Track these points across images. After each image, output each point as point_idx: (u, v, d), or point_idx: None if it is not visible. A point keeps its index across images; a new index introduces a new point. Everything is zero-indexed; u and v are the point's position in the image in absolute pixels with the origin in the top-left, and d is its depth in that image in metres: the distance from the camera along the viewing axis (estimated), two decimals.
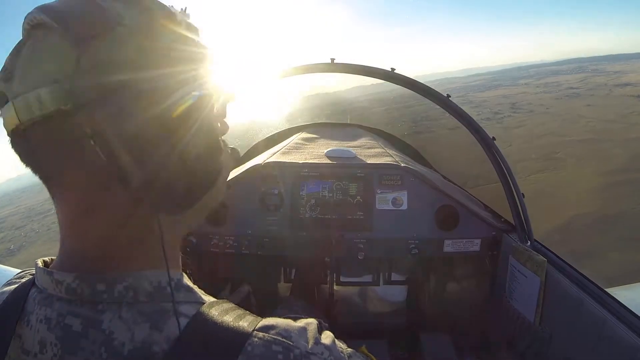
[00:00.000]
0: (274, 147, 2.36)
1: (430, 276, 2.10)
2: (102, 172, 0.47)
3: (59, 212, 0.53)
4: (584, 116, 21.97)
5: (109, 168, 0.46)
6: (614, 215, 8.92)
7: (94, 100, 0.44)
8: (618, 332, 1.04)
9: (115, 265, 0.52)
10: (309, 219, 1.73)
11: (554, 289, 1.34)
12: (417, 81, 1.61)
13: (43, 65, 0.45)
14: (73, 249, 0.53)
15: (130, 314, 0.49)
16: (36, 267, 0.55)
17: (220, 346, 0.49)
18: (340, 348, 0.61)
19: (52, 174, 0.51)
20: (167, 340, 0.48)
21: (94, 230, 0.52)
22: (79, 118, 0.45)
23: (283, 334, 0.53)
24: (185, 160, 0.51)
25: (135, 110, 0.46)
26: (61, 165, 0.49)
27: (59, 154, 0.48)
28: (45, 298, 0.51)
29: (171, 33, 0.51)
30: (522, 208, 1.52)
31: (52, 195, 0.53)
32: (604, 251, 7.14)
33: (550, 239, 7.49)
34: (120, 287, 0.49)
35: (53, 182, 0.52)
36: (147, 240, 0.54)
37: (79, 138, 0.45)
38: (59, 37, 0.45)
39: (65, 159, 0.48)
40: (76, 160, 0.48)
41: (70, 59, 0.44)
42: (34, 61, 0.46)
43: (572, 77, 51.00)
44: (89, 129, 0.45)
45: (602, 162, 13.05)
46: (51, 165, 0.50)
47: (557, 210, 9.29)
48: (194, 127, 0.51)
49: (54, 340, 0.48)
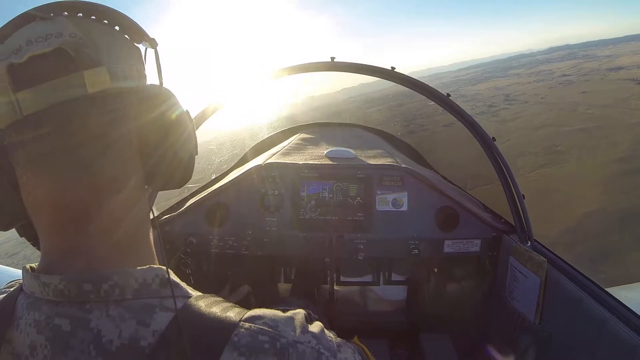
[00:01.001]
0: (273, 148, 2.35)
1: (430, 276, 2.09)
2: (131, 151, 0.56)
3: (45, 217, 0.53)
4: (581, 103, 21.42)
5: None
6: (627, 210, 8.32)
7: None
8: (618, 332, 1.04)
9: (100, 265, 0.52)
10: (309, 219, 1.73)
11: (553, 289, 1.34)
12: (416, 80, 1.60)
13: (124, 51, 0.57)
14: (58, 252, 0.53)
15: (117, 312, 0.49)
16: (23, 272, 0.55)
17: (207, 337, 0.50)
18: (329, 337, 0.60)
19: (90, 154, 0.52)
20: (154, 334, 0.49)
21: (92, 225, 0.52)
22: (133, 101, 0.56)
23: (269, 323, 0.54)
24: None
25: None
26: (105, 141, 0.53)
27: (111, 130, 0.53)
28: (33, 302, 0.52)
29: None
30: (522, 208, 1.51)
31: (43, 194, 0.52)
32: (623, 251, 6.58)
33: (563, 242, 6.99)
34: (106, 285, 0.50)
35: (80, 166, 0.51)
36: (131, 237, 0.57)
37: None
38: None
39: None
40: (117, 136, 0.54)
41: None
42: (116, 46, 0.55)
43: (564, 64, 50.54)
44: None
45: (606, 151, 12.44)
46: (95, 143, 0.52)
47: (565, 208, 8.71)
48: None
49: (44, 342, 0.49)
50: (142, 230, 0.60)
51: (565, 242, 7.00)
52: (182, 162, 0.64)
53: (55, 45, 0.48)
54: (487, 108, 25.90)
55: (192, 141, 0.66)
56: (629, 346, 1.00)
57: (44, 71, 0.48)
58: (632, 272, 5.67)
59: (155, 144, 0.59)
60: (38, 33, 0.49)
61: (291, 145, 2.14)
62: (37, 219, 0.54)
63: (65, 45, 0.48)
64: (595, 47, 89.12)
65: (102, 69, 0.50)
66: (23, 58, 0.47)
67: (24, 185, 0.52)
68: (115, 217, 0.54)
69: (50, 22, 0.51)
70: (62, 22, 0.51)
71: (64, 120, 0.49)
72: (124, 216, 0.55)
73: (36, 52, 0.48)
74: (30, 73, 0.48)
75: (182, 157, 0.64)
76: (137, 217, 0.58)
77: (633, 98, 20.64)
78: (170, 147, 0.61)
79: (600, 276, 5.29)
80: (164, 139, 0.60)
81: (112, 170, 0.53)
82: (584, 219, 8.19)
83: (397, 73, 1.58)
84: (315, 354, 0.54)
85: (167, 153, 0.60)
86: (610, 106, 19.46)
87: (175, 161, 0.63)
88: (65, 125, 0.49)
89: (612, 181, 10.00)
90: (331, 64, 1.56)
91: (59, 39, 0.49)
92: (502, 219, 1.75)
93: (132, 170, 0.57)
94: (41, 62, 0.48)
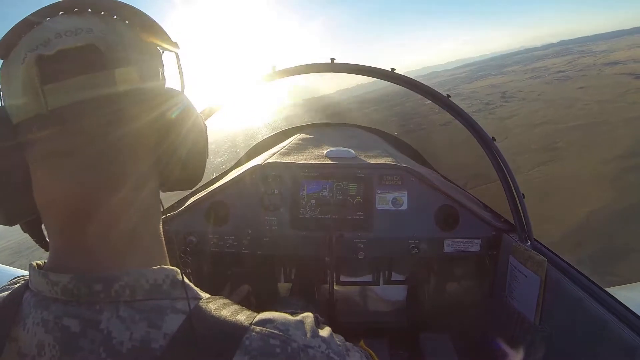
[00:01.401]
0: (273, 147, 2.34)
1: (430, 276, 2.09)
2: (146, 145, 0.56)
3: (56, 214, 0.52)
4: (578, 99, 21.10)
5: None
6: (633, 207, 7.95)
7: None
8: (618, 332, 1.04)
9: (110, 265, 0.52)
10: (309, 219, 1.72)
11: (554, 289, 1.33)
12: (417, 81, 1.61)
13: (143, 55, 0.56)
14: (68, 250, 0.53)
15: (128, 313, 0.49)
16: (30, 270, 0.54)
17: (218, 340, 0.49)
18: (338, 342, 0.60)
19: (104, 147, 0.51)
20: (165, 337, 0.48)
21: (104, 222, 0.52)
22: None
23: (280, 327, 0.53)
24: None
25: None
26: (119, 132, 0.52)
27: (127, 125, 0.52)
28: (41, 300, 0.51)
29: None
30: (522, 207, 1.51)
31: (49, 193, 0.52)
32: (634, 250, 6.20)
33: (571, 242, 6.73)
34: (117, 286, 0.49)
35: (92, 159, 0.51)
36: (142, 237, 0.56)
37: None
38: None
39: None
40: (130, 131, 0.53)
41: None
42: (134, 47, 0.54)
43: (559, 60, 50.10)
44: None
45: (607, 147, 12.11)
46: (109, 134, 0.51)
47: (570, 207, 8.39)
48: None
49: (52, 342, 0.48)
50: (153, 229, 0.59)
51: (571, 242, 6.73)
52: (194, 163, 0.65)
53: (87, 41, 0.48)
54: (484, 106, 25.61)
55: (204, 144, 0.66)
56: (629, 346, 1.00)
57: (74, 66, 0.47)
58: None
59: (171, 145, 0.59)
60: (67, 27, 0.49)
61: (291, 145, 2.13)
62: (48, 216, 0.53)
63: (96, 42, 0.48)
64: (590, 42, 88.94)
65: (132, 68, 0.51)
66: (52, 51, 0.46)
67: (37, 182, 0.52)
68: (128, 216, 0.53)
69: (78, 17, 0.51)
70: (91, 18, 0.51)
71: (89, 118, 0.48)
72: (136, 215, 0.55)
73: (66, 46, 0.47)
74: (59, 67, 0.47)
75: (195, 159, 0.64)
76: (148, 216, 0.58)
77: (631, 92, 20.36)
78: (185, 149, 0.61)
79: (613, 278, 5.06)
80: (179, 140, 0.59)
81: (128, 170, 0.53)
82: (589, 217, 7.91)
83: (398, 74, 1.58)
84: (325, 359, 0.54)
85: (181, 154, 0.60)
86: (609, 101, 19.16)
87: (189, 163, 0.63)
88: (89, 123, 0.49)
89: (616, 178, 9.68)
90: (332, 65, 1.57)
91: (89, 34, 0.48)
92: (502, 218, 1.75)
93: (146, 170, 0.57)
94: (71, 56, 0.47)
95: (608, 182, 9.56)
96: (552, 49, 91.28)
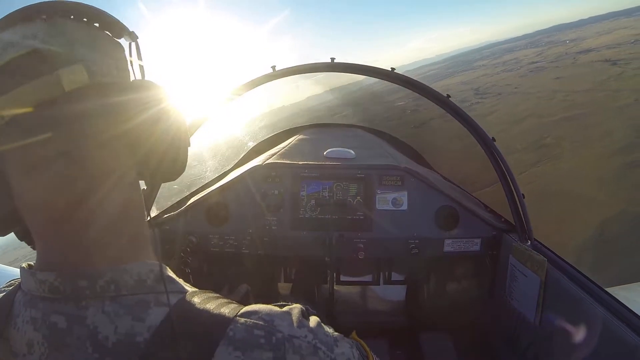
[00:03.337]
0: (273, 148, 2.36)
1: (430, 276, 2.10)
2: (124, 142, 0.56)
3: (35, 216, 0.53)
4: (558, 90, 20.03)
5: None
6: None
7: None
8: (618, 332, 1.04)
9: (94, 260, 0.52)
10: (309, 218, 1.73)
11: (554, 289, 1.33)
12: (417, 81, 1.62)
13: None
14: (53, 249, 0.53)
15: (113, 308, 0.49)
16: (21, 270, 0.55)
17: (202, 332, 0.49)
18: (326, 332, 0.59)
19: (78, 145, 0.51)
20: (149, 330, 0.48)
21: (85, 219, 0.51)
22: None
23: (265, 318, 0.53)
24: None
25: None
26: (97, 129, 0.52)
27: (102, 121, 0.52)
28: (30, 300, 0.52)
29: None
30: (522, 207, 1.51)
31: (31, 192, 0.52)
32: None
33: (590, 257, 5.70)
34: (101, 281, 0.50)
35: (71, 159, 0.51)
36: (123, 232, 0.55)
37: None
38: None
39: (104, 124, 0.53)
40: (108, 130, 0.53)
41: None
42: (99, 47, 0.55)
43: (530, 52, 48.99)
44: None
45: (602, 141, 10.86)
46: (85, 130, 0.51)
47: (577, 216, 7.05)
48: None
49: (41, 340, 0.49)
50: (137, 225, 0.59)
51: (597, 257, 5.49)
52: (172, 153, 0.63)
53: (30, 47, 0.48)
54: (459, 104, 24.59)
55: (181, 132, 0.64)
56: (629, 346, 1.00)
57: (19, 75, 0.48)
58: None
59: (144, 136, 0.57)
60: (14, 37, 0.49)
61: (291, 146, 2.17)
62: (30, 219, 0.53)
63: (40, 46, 0.49)
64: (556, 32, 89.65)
65: (79, 66, 0.50)
66: (3, 61, 0.48)
67: (15, 188, 0.52)
68: (109, 212, 0.53)
69: (26, 26, 0.51)
70: (37, 23, 0.51)
71: (48, 122, 0.48)
72: (117, 211, 0.54)
73: (11, 56, 0.48)
74: (5, 79, 0.48)
75: (173, 149, 0.62)
76: (130, 212, 0.57)
77: (612, 79, 19.43)
78: (159, 139, 0.59)
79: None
80: (152, 131, 0.58)
81: (102, 167, 0.53)
82: (604, 226, 6.62)
83: (397, 74, 1.60)
84: (312, 349, 0.53)
85: (156, 145, 0.59)
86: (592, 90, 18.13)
87: (166, 153, 0.61)
88: (49, 127, 0.48)
89: (621, 177, 8.39)
90: (331, 65, 1.57)
91: (34, 40, 0.49)
92: (502, 218, 1.75)
93: (123, 164, 0.56)
94: (15, 66, 0.48)
95: (614, 181, 8.32)
96: (519, 42, 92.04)
